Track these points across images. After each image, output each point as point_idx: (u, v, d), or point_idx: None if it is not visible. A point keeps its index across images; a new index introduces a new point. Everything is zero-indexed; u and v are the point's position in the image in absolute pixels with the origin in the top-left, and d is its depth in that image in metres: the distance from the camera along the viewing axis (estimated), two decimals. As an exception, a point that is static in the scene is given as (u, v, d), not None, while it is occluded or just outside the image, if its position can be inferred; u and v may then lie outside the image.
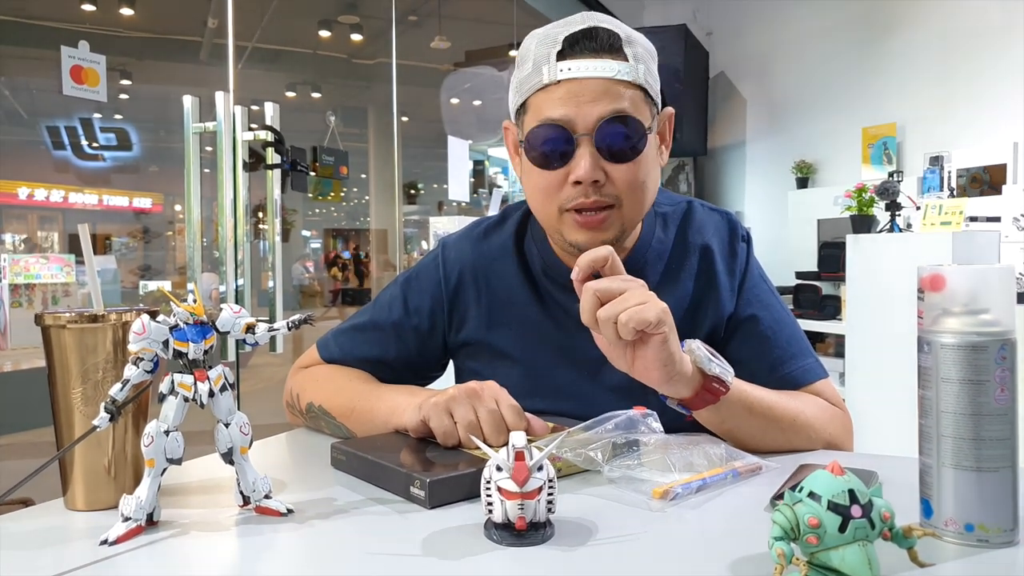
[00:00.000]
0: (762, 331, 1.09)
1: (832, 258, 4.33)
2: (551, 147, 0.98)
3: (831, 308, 4.36)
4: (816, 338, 4.39)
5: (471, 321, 1.15)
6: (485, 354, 1.15)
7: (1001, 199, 3.74)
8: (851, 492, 0.54)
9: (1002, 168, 4.16)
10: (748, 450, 0.92)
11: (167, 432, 0.70)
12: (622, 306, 0.83)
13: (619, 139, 0.96)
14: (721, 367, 0.90)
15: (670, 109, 1.07)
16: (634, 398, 1.02)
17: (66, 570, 0.62)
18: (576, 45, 0.97)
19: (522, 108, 1.02)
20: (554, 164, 0.98)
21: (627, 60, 0.97)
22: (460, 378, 1.21)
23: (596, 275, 0.89)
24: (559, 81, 0.96)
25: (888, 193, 3.63)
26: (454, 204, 4.64)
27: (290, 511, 0.74)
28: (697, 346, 0.90)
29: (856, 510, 0.54)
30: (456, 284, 1.15)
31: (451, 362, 1.23)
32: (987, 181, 4.18)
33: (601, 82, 0.95)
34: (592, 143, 0.96)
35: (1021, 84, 4.21)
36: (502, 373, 1.11)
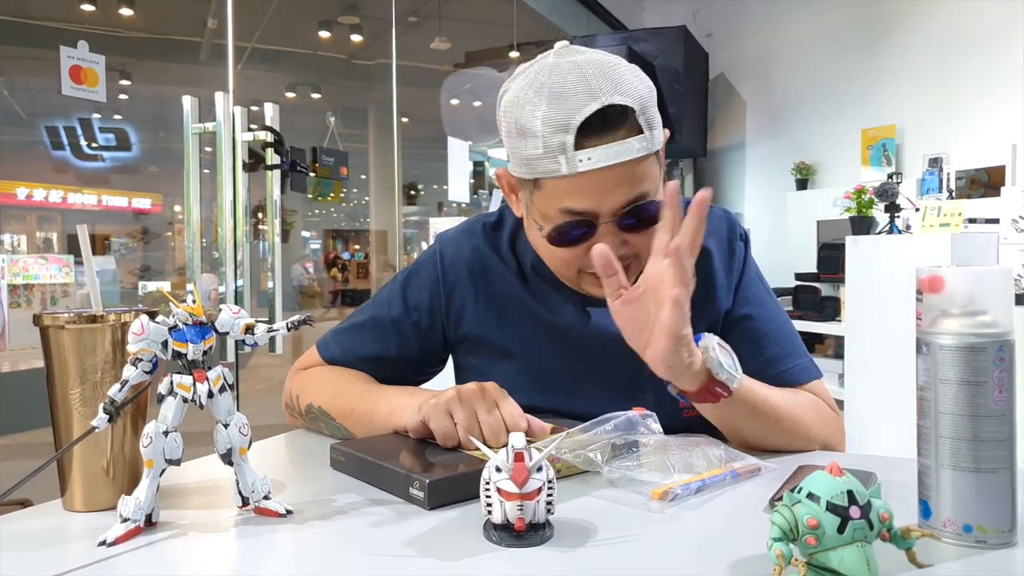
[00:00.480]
0: (758, 330, 1.10)
1: (831, 259, 4.32)
2: (572, 232, 0.97)
3: (830, 309, 4.35)
4: (815, 339, 4.40)
5: (469, 316, 1.15)
6: (483, 350, 1.15)
7: (1000, 201, 3.74)
8: (850, 493, 0.54)
9: (1001, 170, 4.16)
10: (747, 447, 0.92)
11: (166, 433, 0.70)
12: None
13: (641, 217, 0.96)
14: (729, 373, 0.89)
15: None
16: (632, 394, 1.02)
17: (64, 571, 0.62)
18: (590, 128, 0.91)
19: (534, 183, 0.97)
20: (575, 243, 0.98)
21: (642, 132, 0.94)
22: (459, 373, 1.22)
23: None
24: (578, 173, 0.92)
25: (887, 195, 3.63)
26: (454, 205, 4.64)
27: (289, 512, 0.74)
28: (713, 344, 0.89)
29: (855, 511, 0.54)
30: (454, 280, 1.16)
31: (450, 358, 1.23)
32: (986, 183, 4.18)
33: (621, 167, 0.92)
34: (614, 226, 0.96)
35: (1020, 86, 4.21)
36: (500, 368, 1.12)
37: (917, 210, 3.78)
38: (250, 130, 2.49)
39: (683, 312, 0.82)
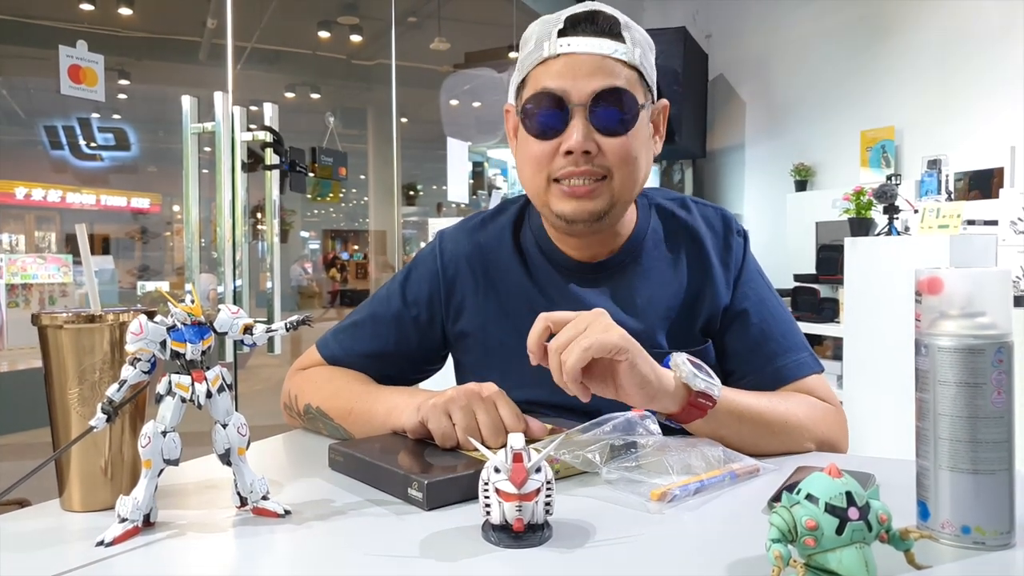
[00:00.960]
0: (757, 324, 1.10)
1: (830, 261, 4.32)
2: (545, 115, 1.01)
3: (829, 311, 4.36)
4: (814, 340, 4.39)
5: (468, 311, 1.16)
6: (483, 344, 1.15)
7: (998, 202, 3.74)
8: (848, 494, 0.54)
9: (999, 172, 4.16)
10: (743, 454, 0.92)
11: (164, 433, 0.70)
12: (583, 338, 0.84)
13: (612, 112, 1.00)
14: (707, 381, 0.90)
15: (665, 101, 1.11)
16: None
17: (62, 571, 0.62)
18: (577, 25, 1.01)
19: (522, 84, 1.06)
20: (548, 133, 1.02)
21: (624, 42, 1.02)
22: (458, 369, 1.22)
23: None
24: (558, 55, 1.00)
25: (886, 196, 3.63)
26: (453, 205, 4.64)
27: (287, 512, 0.74)
28: (683, 360, 0.91)
29: (853, 512, 0.54)
30: (453, 274, 1.16)
31: (450, 355, 1.24)
32: (985, 184, 4.18)
33: (598, 58, 1.00)
34: (585, 114, 1.00)
35: (1019, 88, 4.21)
36: (500, 362, 1.12)
37: (916, 212, 3.78)
38: (249, 130, 2.49)
39: (638, 370, 0.85)
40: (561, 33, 1.01)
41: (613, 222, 1.07)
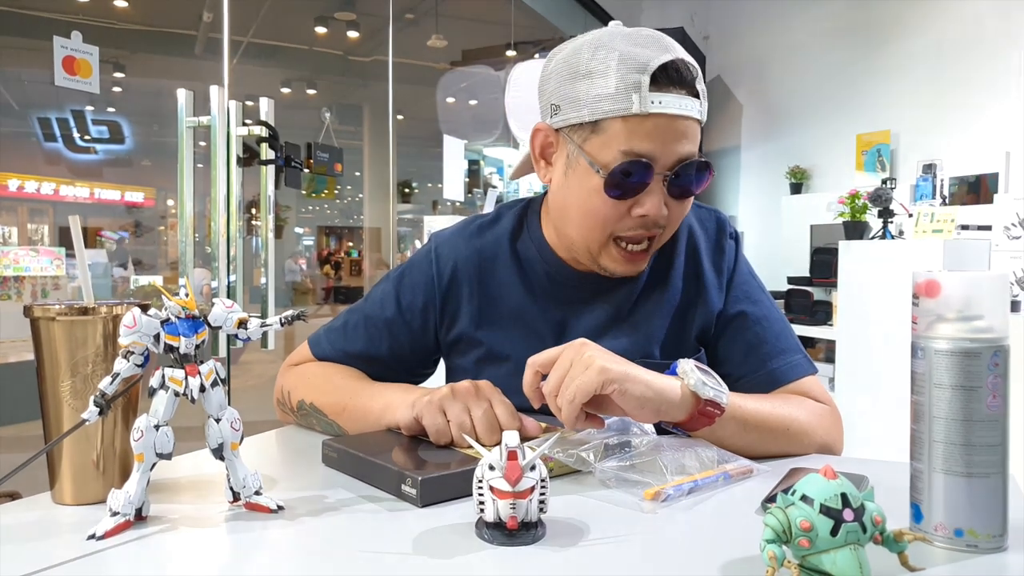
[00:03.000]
0: (751, 327, 1.10)
1: (824, 264, 4.34)
2: (632, 179, 0.97)
3: (822, 313, 4.37)
4: (807, 343, 4.41)
5: (463, 318, 1.15)
6: (476, 351, 1.15)
7: (992, 208, 3.76)
8: (843, 496, 0.54)
9: (993, 177, 4.18)
10: (744, 457, 0.92)
11: (157, 427, 0.69)
12: (568, 387, 0.84)
13: (688, 181, 0.99)
14: (716, 390, 0.89)
15: None
16: None
17: (53, 564, 0.61)
18: (665, 75, 0.94)
19: (593, 125, 0.97)
20: (626, 195, 0.98)
21: (699, 97, 0.98)
22: (451, 376, 1.21)
23: None
24: (649, 115, 0.94)
25: (881, 200, 3.64)
26: (449, 204, 4.63)
27: (280, 508, 0.74)
28: (691, 368, 0.89)
29: (848, 514, 0.54)
30: (449, 281, 1.15)
31: (442, 360, 1.23)
32: (977, 189, 4.20)
33: (685, 122, 0.96)
34: (665, 181, 0.97)
35: (1014, 94, 4.23)
36: (493, 370, 1.12)
37: (910, 216, 3.80)
38: (244, 125, 2.47)
39: (631, 395, 0.84)
40: (653, 84, 0.93)
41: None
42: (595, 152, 0.98)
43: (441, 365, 1.24)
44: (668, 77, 0.94)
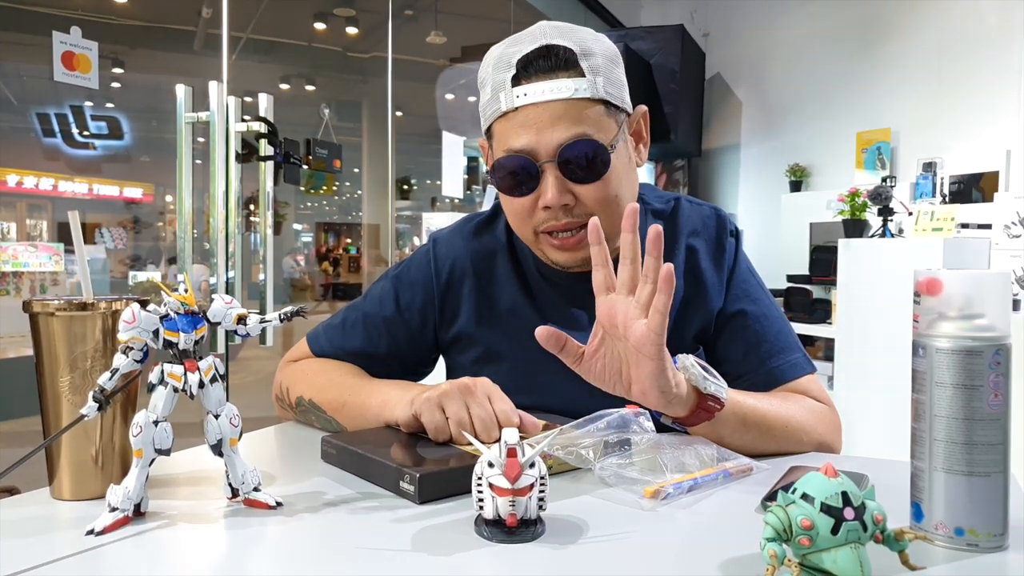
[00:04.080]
0: (750, 325, 1.09)
1: (824, 262, 4.34)
2: (516, 177, 0.98)
3: (821, 312, 4.37)
4: (806, 341, 4.41)
5: (462, 317, 1.15)
6: (474, 350, 1.15)
7: (992, 206, 3.76)
8: (844, 494, 0.54)
9: (994, 175, 4.18)
10: (741, 454, 0.92)
11: (156, 422, 0.69)
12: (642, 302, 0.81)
13: (582, 162, 0.97)
14: (716, 384, 0.89)
15: (643, 107, 1.08)
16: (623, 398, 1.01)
17: (51, 560, 0.61)
18: (530, 67, 0.96)
19: (488, 133, 1.03)
20: (522, 190, 0.99)
21: (584, 75, 0.96)
22: (450, 374, 1.21)
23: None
24: (516, 108, 0.96)
25: (881, 198, 3.64)
26: (447, 201, 4.63)
27: (279, 504, 0.74)
28: (691, 363, 0.89)
29: (849, 512, 0.54)
30: (447, 280, 1.15)
31: (441, 358, 1.23)
32: (978, 187, 4.20)
33: (559, 104, 0.95)
34: (556, 168, 0.96)
35: (1015, 92, 4.23)
36: (491, 369, 1.11)
37: (910, 214, 3.79)
38: (243, 121, 2.47)
39: (666, 375, 0.81)
40: (515, 80, 0.96)
41: (612, 244, 1.06)
42: (494, 157, 1.01)
43: (441, 364, 1.24)
44: (534, 67, 0.96)
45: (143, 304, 0.71)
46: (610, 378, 0.86)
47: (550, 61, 0.96)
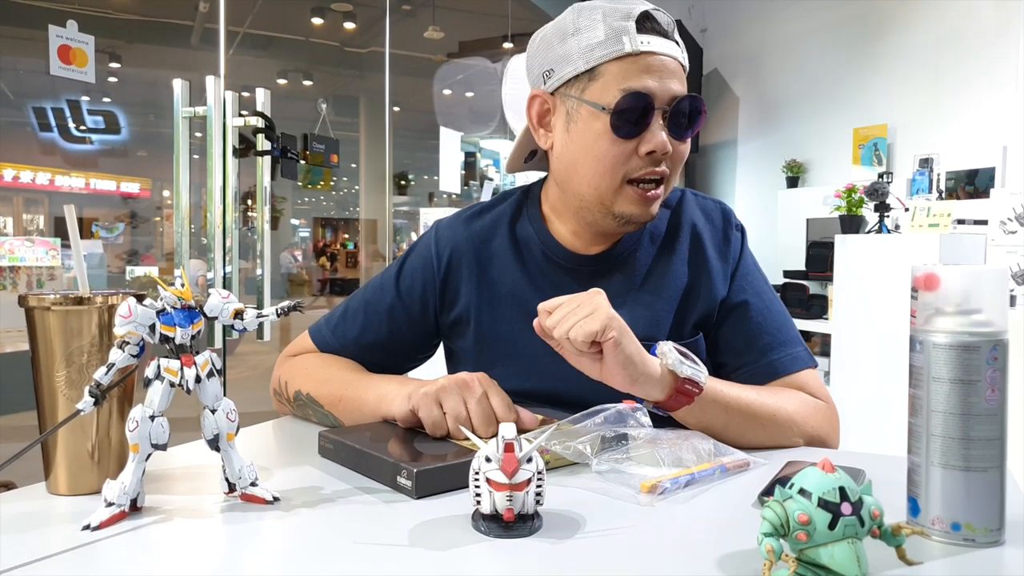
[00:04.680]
0: (752, 317, 1.10)
1: (820, 257, 4.35)
2: (634, 116, 1.00)
3: (818, 307, 4.38)
4: (803, 337, 4.41)
5: (462, 300, 1.15)
6: (475, 333, 1.15)
7: (989, 202, 3.76)
8: (842, 489, 0.54)
9: (990, 171, 4.19)
10: (730, 446, 0.92)
11: (152, 417, 0.69)
12: (569, 322, 0.86)
13: (685, 118, 1.02)
14: (693, 368, 0.91)
15: None
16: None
17: (47, 554, 0.61)
18: (649, 21, 1.01)
19: (589, 74, 1.02)
20: (631, 132, 1.01)
21: (679, 46, 1.03)
22: (449, 357, 1.22)
23: None
24: (641, 52, 0.99)
25: (877, 194, 3.64)
26: (445, 196, 4.63)
27: (276, 499, 0.74)
28: (669, 348, 0.91)
29: (846, 507, 0.54)
30: (448, 262, 1.16)
31: (441, 343, 1.23)
32: (973, 183, 4.20)
33: (673, 62, 1.01)
34: (665, 117, 1.00)
35: (1011, 88, 4.23)
36: (491, 352, 1.12)
37: (907, 210, 3.80)
38: (241, 115, 2.46)
39: (622, 350, 0.87)
40: (639, 27, 0.99)
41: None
42: (596, 97, 1.01)
43: (440, 351, 1.24)
44: (651, 22, 1.01)
45: (140, 299, 0.70)
46: (583, 362, 0.90)
47: (662, 24, 1.02)
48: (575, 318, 0.86)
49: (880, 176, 4.38)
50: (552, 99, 1.07)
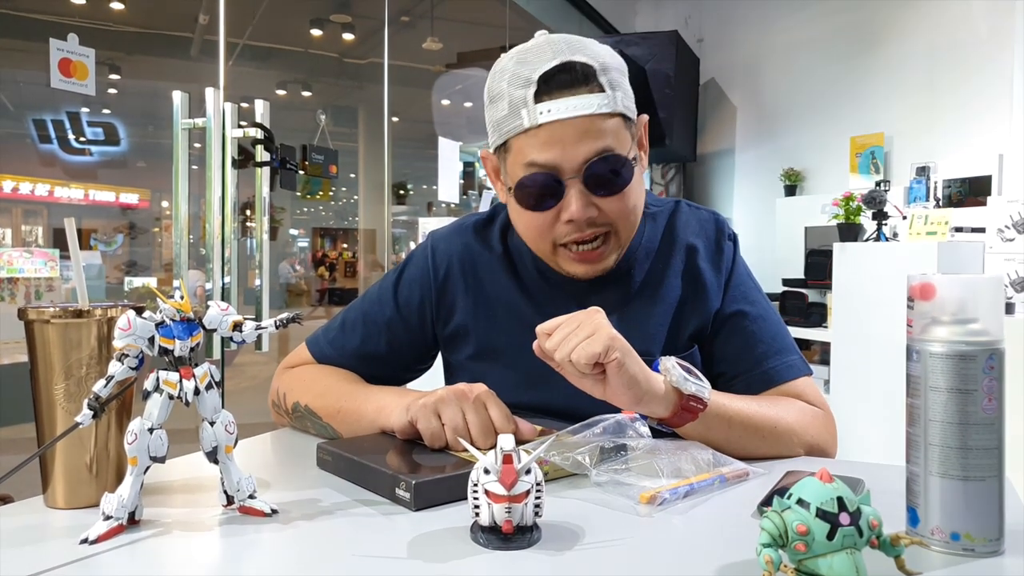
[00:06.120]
0: (747, 327, 1.10)
1: (819, 266, 4.34)
2: (541, 192, 0.99)
3: (817, 315, 4.38)
4: (802, 345, 4.39)
5: (459, 313, 1.15)
6: (472, 346, 1.15)
7: (986, 210, 3.77)
8: (840, 500, 0.54)
9: (987, 179, 4.20)
10: (732, 457, 0.92)
11: (151, 430, 0.69)
12: (570, 343, 0.85)
13: (606, 175, 0.98)
14: (697, 385, 0.90)
15: (644, 116, 1.09)
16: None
17: (45, 569, 0.61)
18: (551, 82, 0.95)
19: (503, 147, 1.02)
20: (545, 205, 0.99)
21: (604, 90, 0.97)
22: (448, 370, 1.22)
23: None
24: (540, 125, 0.95)
25: (875, 202, 3.64)
26: (443, 205, 4.63)
27: (274, 511, 0.74)
28: (672, 365, 0.90)
29: (844, 518, 0.54)
30: (445, 276, 1.16)
31: (440, 356, 1.23)
32: (969, 191, 4.21)
33: (583, 120, 0.95)
34: (580, 183, 0.97)
35: (1007, 97, 4.25)
36: (488, 366, 1.12)
37: (904, 218, 3.80)
38: (240, 126, 2.47)
39: (626, 371, 0.85)
40: (537, 97, 0.95)
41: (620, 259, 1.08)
42: (510, 171, 1.01)
43: (438, 361, 1.24)
44: (555, 83, 0.95)
45: (139, 311, 0.70)
46: (586, 383, 0.88)
47: (571, 76, 0.96)
48: (576, 339, 0.85)
49: (877, 184, 4.39)
50: (496, 158, 1.07)
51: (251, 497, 0.74)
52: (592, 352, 0.83)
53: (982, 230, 3.63)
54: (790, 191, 5.37)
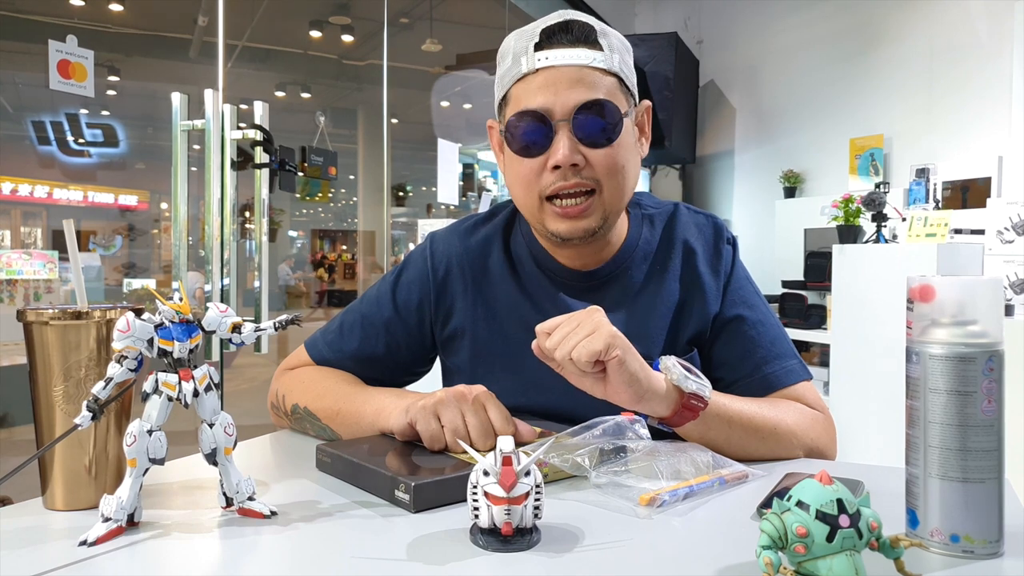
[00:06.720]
0: (746, 331, 1.10)
1: (818, 267, 4.35)
2: (530, 135, 1.00)
3: (816, 317, 4.38)
4: (801, 347, 4.41)
5: (457, 313, 1.15)
6: (471, 347, 1.15)
7: (985, 212, 3.77)
8: (839, 502, 0.54)
9: (987, 181, 4.20)
10: (731, 459, 0.92)
11: (150, 431, 0.69)
12: (570, 342, 0.85)
13: (596, 124, 0.99)
14: (698, 383, 0.90)
15: (647, 102, 1.11)
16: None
17: (44, 571, 0.61)
18: (553, 37, 1.00)
19: (503, 100, 1.05)
20: (534, 151, 1.01)
21: (602, 50, 1.01)
22: (446, 372, 1.21)
23: None
24: (537, 70, 0.99)
25: (874, 204, 3.64)
26: (443, 207, 4.63)
27: (274, 513, 0.74)
28: (673, 364, 0.90)
29: (844, 520, 0.54)
30: (444, 276, 1.16)
31: (438, 357, 1.23)
32: (968, 193, 4.21)
33: (577, 70, 0.99)
34: (570, 128, 0.99)
35: (1006, 98, 4.25)
36: (488, 366, 1.12)
37: (904, 220, 3.80)
38: (239, 128, 2.47)
39: (627, 368, 0.86)
40: (538, 47, 1.00)
41: (607, 233, 1.08)
42: (505, 121, 1.04)
43: (436, 364, 1.24)
44: (556, 37, 1.00)
45: (138, 313, 0.70)
46: (586, 382, 0.89)
47: (571, 34, 1.00)
48: (576, 338, 0.85)
49: (877, 186, 4.39)
50: (499, 126, 1.09)
51: (250, 499, 0.74)
52: (593, 350, 0.83)
53: (982, 232, 3.63)
54: (789, 193, 5.38)
